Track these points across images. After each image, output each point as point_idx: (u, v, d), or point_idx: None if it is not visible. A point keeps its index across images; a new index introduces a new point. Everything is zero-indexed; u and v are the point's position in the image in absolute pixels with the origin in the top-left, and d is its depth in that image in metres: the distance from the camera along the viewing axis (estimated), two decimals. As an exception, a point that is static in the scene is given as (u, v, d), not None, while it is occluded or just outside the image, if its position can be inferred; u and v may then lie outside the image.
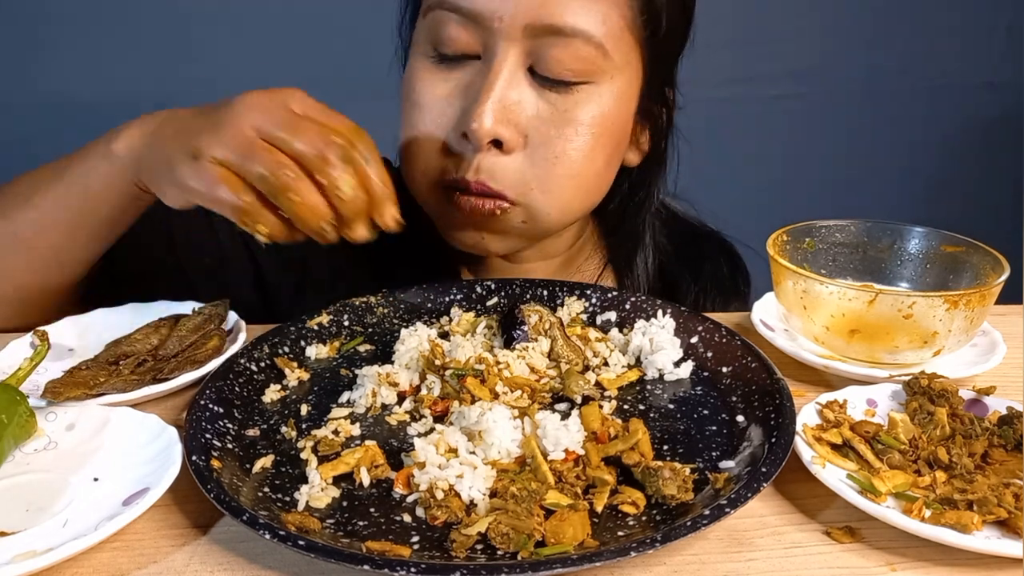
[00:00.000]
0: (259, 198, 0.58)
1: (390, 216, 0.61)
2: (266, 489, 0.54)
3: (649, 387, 0.67)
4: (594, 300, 0.78)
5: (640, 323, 0.72)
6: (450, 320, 0.76)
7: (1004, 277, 0.66)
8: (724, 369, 0.67)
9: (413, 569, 0.43)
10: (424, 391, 0.64)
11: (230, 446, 0.58)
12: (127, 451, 0.56)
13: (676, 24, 0.81)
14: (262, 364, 0.68)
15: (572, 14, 0.73)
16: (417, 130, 0.79)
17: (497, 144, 0.75)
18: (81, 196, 0.70)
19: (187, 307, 0.75)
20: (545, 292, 0.79)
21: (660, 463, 0.53)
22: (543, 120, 0.76)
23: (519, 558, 0.46)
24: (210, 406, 0.60)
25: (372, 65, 0.91)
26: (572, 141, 0.76)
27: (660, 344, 0.69)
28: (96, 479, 0.55)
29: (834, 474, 0.53)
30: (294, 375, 0.68)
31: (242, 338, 0.71)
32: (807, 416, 0.59)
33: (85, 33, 1.72)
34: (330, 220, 0.58)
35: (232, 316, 0.75)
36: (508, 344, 0.69)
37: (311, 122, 0.58)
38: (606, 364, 0.69)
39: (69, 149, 0.72)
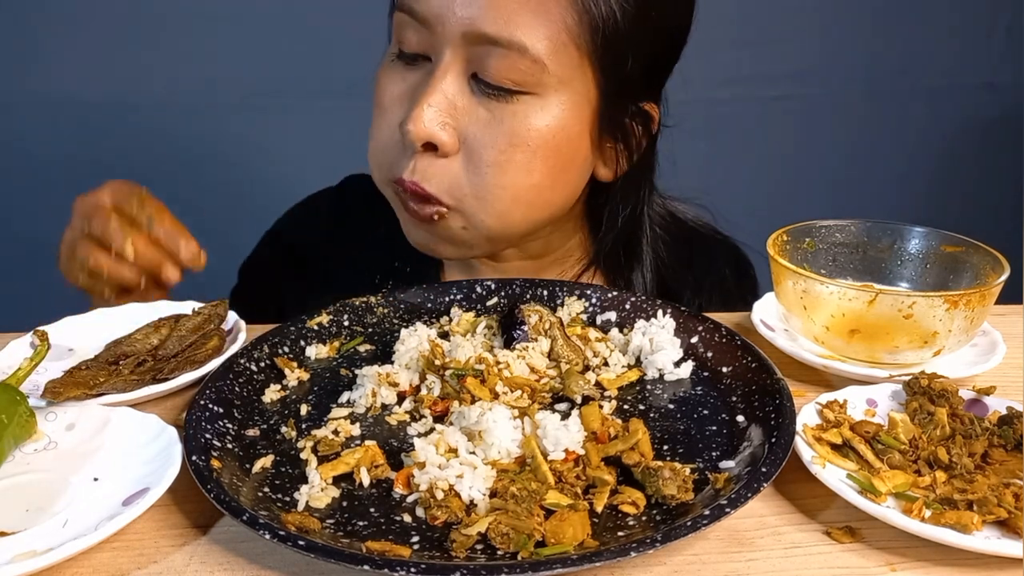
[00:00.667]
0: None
1: (186, 256, 0.77)
2: (266, 489, 0.54)
3: (649, 387, 0.67)
4: (594, 300, 0.78)
5: (640, 323, 0.72)
6: (450, 320, 0.76)
7: (1004, 277, 0.66)
8: (724, 369, 0.67)
9: (413, 569, 0.43)
10: (424, 391, 0.64)
11: (230, 446, 0.58)
12: (127, 451, 0.56)
13: (636, 41, 0.77)
14: (262, 364, 0.68)
15: (508, 26, 0.72)
16: (376, 127, 0.81)
17: (432, 147, 0.76)
18: None
19: (187, 307, 0.75)
20: (545, 292, 0.79)
21: (660, 463, 0.53)
22: (481, 127, 0.75)
23: (519, 558, 0.46)
24: (210, 406, 0.60)
25: (373, 66, 0.91)
26: (506, 151, 0.75)
27: (660, 344, 0.69)
28: (96, 479, 0.55)
29: (834, 474, 0.53)
30: (294, 375, 0.68)
31: (242, 338, 0.72)
32: (807, 416, 0.59)
33: (85, 33, 1.72)
34: (127, 276, 0.76)
35: (232, 316, 0.75)
36: (508, 344, 0.69)
37: (101, 209, 0.75)
38: (606, 364, 0.69)
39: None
